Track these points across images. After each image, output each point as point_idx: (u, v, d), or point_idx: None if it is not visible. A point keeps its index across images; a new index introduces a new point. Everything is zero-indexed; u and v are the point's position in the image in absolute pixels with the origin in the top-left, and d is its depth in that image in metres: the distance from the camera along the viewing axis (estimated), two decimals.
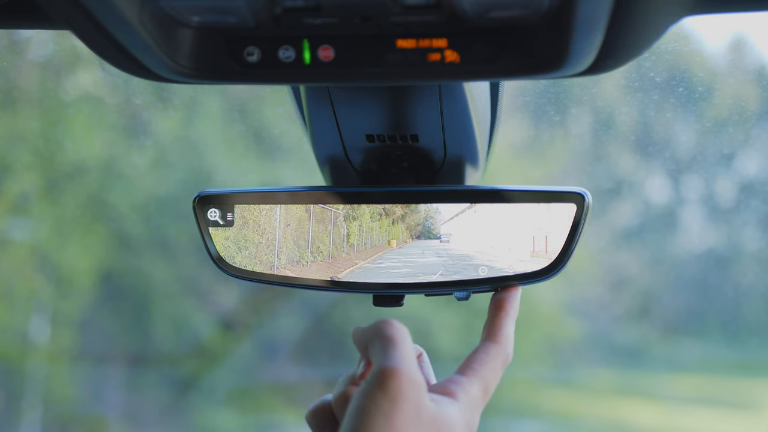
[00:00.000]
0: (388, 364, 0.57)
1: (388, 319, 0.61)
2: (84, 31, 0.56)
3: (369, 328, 0.62)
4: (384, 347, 0.59)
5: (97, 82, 3.07)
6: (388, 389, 0.56)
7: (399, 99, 0.72)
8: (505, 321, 0.69)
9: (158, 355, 3.75)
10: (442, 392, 0.62)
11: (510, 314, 0.70)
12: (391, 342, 0.59)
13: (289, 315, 3.76)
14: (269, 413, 3.73)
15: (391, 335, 0.60)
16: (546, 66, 0.54)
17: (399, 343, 0.59)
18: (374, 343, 0.60)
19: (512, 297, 0.71)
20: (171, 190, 3.61)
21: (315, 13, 0.52)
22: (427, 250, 0.73)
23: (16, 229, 3.53)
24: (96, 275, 3.62)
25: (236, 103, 2.96)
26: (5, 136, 3.15)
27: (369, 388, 0.57)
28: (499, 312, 0.70)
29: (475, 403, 0.63)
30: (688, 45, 1.82)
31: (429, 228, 0.74)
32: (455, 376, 0.64)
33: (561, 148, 3.23)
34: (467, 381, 0.64)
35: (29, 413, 3.46)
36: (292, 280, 0.76)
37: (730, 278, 3.77)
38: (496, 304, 0.70)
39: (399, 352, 0.58)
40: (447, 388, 0.63)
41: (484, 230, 0.72)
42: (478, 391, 0.64)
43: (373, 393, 0.56)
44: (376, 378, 0.57)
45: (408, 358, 0.58)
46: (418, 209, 0.75)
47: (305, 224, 0.75)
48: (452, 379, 0.64)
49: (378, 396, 0.56)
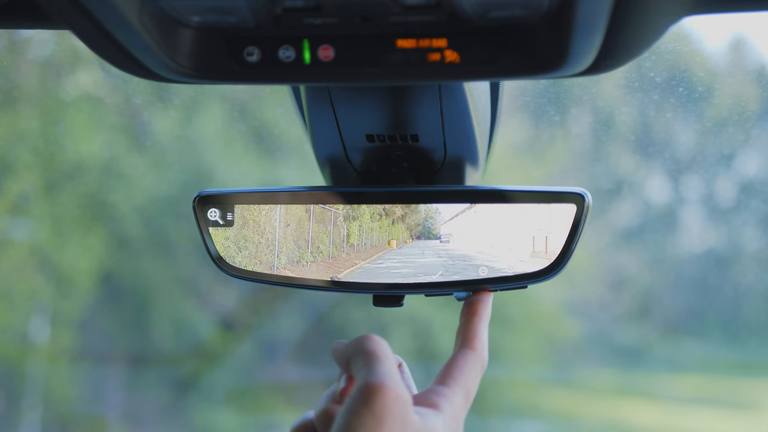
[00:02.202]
0: (373, 379, 0.56)
1: (368, 334, 0.61)
2: (84, 31, 0.56)
3: (350, 343, 0.61)
4: (367, 362, 0.58)
5: (97, 82, 3.07)
6: (373, 406, 0.55)
7: (399, 99, 0.72)
8: (479, 326, 0.68)
9: (158, 355, 3.75)
10: (426, 404, 0.61)
11: (484, 319, 0.69)
12: (374, 357, 0.58)
13: (289, 315, 3.76)
14: (269, 413, 3.73)
15: (373, 350, 0.59)
16: (546, 66, 0.54)
17: (382, 358, 0.58)
18: (356, 359, 0.59)
19: (485, 302, 0.71)
20: (171, 190, 3.61)
21: (315, 13, 0.52)
22: (427, 251, 0.73)
23: (16, 229, 3.53)
24: (96, 275, 3.62)
25: (236, 103, 2.96)
26: (5, 136, 3.15)
27: (354, 406, 0.56)
28: (473, 317, 0.69)
29: (458, 412, 0.63)
30: (688, 45, 1.82)
31: (429, 228, 0.74)
32: (437, 387, 0.64)
33: (561, 148, 3.23)
34: (449, 391, 0.63)
35: (29, 413, 3.46)
36: (292, 280, 0.76)
37: (730, 278, 3.77)
38: (470, 309, 0.70)
39: (383, 367, 0.57)
40: (430, 399, 0.62)
41: (484, 230, 0.72)
42: (460, 401, 0.63)
43: (359, 411, 0.55)
44: (360, 395, 0.56)
45: (392, 373, 0.57)
46: (418, 209, 0.75)
47: (305, 224, 0.75)
48: (434, 390, 0.63)
49: (363, 414, 0.55)
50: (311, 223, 0.74)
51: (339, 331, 3.71)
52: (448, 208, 0.74)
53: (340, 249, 0.74)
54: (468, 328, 0.68)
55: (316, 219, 0.74)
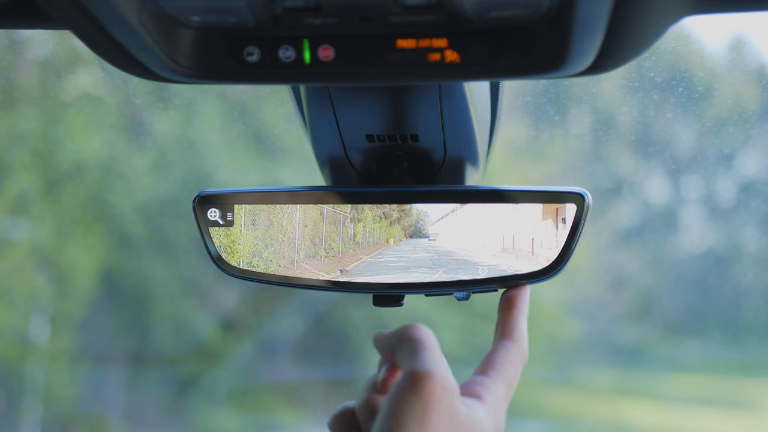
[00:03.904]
0: (421, 367, 0.56)
1: (414, 324, 0.61)
2: (84, 31, 0.56)
3: (394, 332, 0.61)
4: (414, 350, 0.58)
5: (97, 82, 3.07)
6: (421, 393, 0.55)
7: (399, 99, 0.72)
8: (519, 318, 0.69)
9: (158, 354, 3.75)
10: (469, 394, 0.61)
11: (522, 312, 0.70)
12: (421, 345, 0.58)
13: (289, 315, 3.76)
14: (269, 413, 3.72)
15: (420, 338, 0.59)
16: (546, 66, 0.54)
17: (429, 346, 0.58)
18: (402, 347, 0.59)
19: (523, 294, 0.71)
20: (171, 190, 3.60)
21: (315, 13, 0.52)
22: (418, 247, 0.78)
23: (16, 229, 3.53)
24: (96, 275, 3.62)
25: (236, 103, 2.96)
26: (5, 136, 3.14)
27: (401, 393, 0.55)
28: (511, 310, 0.69)
29: (500, 403, 0.62)
30: (688, 45, 1.82)
31: (420, 228, 0.78)
32: (479, 377, 0.63)
33: (561, 148, 3.23)
34: (491, 382, 0.63)
35: (29, 413, 3.46)
36: (291, 280, 0.76)
37: (730, 278, 3.77)
38: (508, 302, 0.70)
39: (430, 354, 0.57)
40: (472, 390, 0.62)
41: (464, 230, 0.77)
42: (502, 391, 0.63)
43: (406, 397, 0.55)
44: (408, 382, 0.56)
45: (439, 362, 0.57)
46: (411, 213, 0.78)
47: (319, 225, 0.80)
48: (476, 381, 0.63)
49: (411, 400, 0.55)
50: (324, 223, 0.79)
51: (339, 331, 3.71)
52: (436, 211, 0.77)
53: (348, 246, 0.79)
54: (507, 320, 0.68)
55: (328, 220, 0.79)
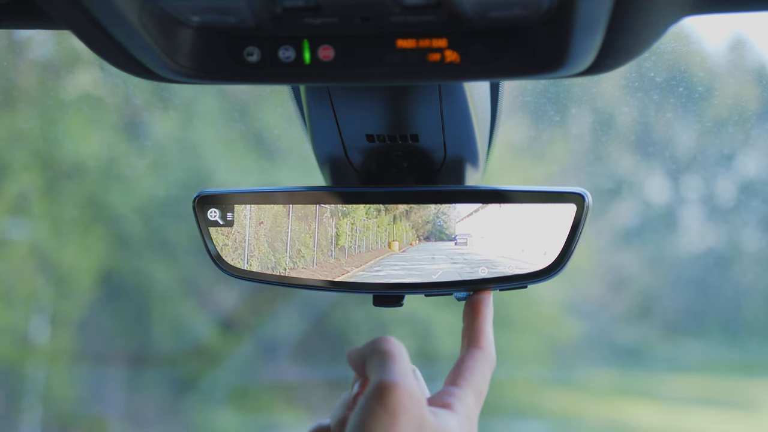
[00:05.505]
0: (387, 378, 0.56)
1: (384, 336, 0.61)
2: (84, 31, 0.56)
3: (365, 345, 0.62)
4: (381, 362, 0.58)
5: (97, 82, 3.07)
6: (387, 404, 0.55)
7: (399, 99, 0.72)
8: (484, 325, 0.69)
9: (158, 355, 3.75)
10: (439, 405, 0.62)
11: (487, 318, 0.69)
12: (388, 356, 0.58)
13: (289, 315, 3.76)
14: (269, 413, 3.73)
15: (388, 350, 0.59)
16: (546, 66, 0.54)
17: (397, 358, 0.58)
18: (371, 359, 0.59)
19: (486, 300, 0.71)
20: (171, 191, 3.61)
21: (315, 13, 0.52)
22: (439, 255, 0.65)
23: (16, 229, 3.53)
24: (95, 275, 3.62)
25: (236, 103, 2.96)
26: (5, 136, 3.15)
27: (368, 404, 0.56)
28: (476, 317, 0.69)
29: (471, 412, 0.63)
30: (688, 45, 1.82)
31: (441, 227, 0.66)
32: (449, 388, 0.64)
33: (561, 148, 3.23)
34: (461, 391, 0.63)
35: (29, 413, 3.46)
36: (291, 280, 0.76)
37: (730, 278, 3.77)
38: (472, 309, 0.70)
39: (397, 366, 0.58)
40: (443, 400, 0.62)
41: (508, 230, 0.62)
42: (472, 400, 0.64)
43: (373, 408, 0.55)
44: (374, 393, 0.56)
45: (406, 373, 0.58)
46: (428, 205, 0.71)
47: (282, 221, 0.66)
48: (447, 391, 0.64)
49: (378, 411, 0.55)
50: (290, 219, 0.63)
51: (339, 331, 3.71)
52: (462, 205, 0.69)
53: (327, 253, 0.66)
54: (473, 327, 0.68)
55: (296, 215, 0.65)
